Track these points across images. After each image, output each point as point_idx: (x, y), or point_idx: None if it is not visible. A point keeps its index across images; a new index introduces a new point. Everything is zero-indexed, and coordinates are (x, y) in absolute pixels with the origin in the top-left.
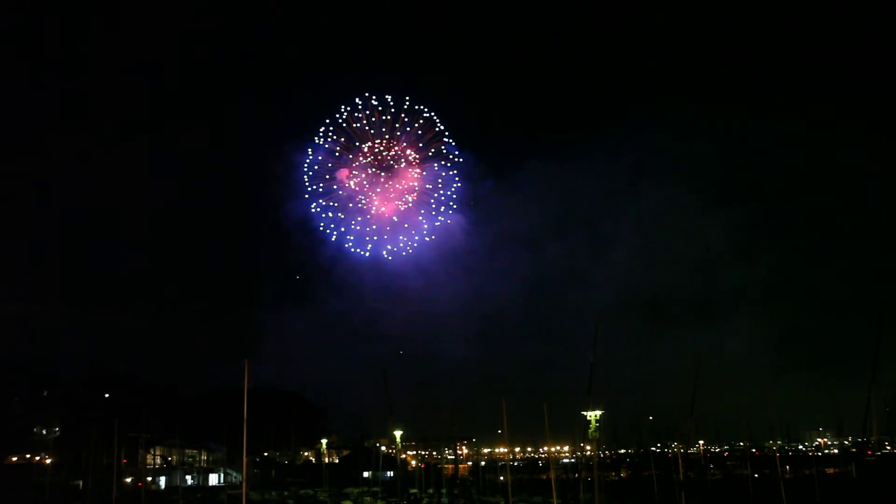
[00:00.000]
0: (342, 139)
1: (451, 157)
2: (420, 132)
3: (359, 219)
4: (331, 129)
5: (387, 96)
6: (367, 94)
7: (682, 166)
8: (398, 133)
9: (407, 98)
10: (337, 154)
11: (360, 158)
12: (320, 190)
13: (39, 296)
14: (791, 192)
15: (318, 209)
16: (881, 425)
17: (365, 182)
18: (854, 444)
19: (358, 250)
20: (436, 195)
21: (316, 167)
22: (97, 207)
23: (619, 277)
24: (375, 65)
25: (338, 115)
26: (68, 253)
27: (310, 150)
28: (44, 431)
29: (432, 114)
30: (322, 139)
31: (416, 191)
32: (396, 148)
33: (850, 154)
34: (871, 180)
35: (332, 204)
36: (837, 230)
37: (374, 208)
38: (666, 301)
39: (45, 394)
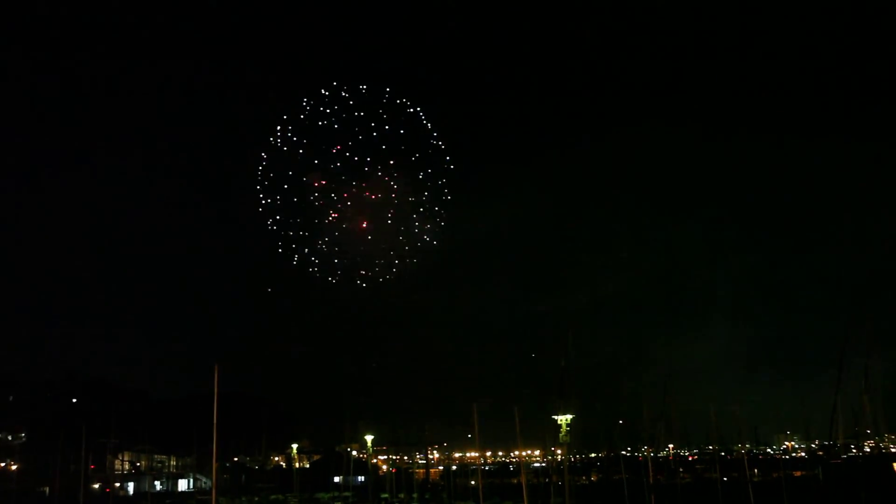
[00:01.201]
0: (304, 140)
1: (439, 162)
2: (402, 131)
3: (326, 239)
4: (290, 127)
5: (361, 87)
6: (335, 84)
7: (655, 172)
8: (374, 133)
9: (387, 90)
10: (298, 159)
11: (328, 164)
12: (278, 202)
13: (5, 300)
14: (762, 198)
15: (275, 227)
16: (847, 429)
17: (333, 194)
18: (821, 447)
19: (329, 278)
20: (421, 210)
21: (271, 175)
22: (63, 212)
23: (591, 282)
24: (344, 55)
25: (299, 111)
26: (35, 257)
27: (263, 153)
28: (9, 437)
29: (417, 109)
30: (279, 140)
31: (395, 203)
32: (371, 150)
33: (821, 161)
34: (841, 187)
35: (292, 220)
36: (807, 236)
37: (344, 224)
38: (637, 305)
39: (11, 399)
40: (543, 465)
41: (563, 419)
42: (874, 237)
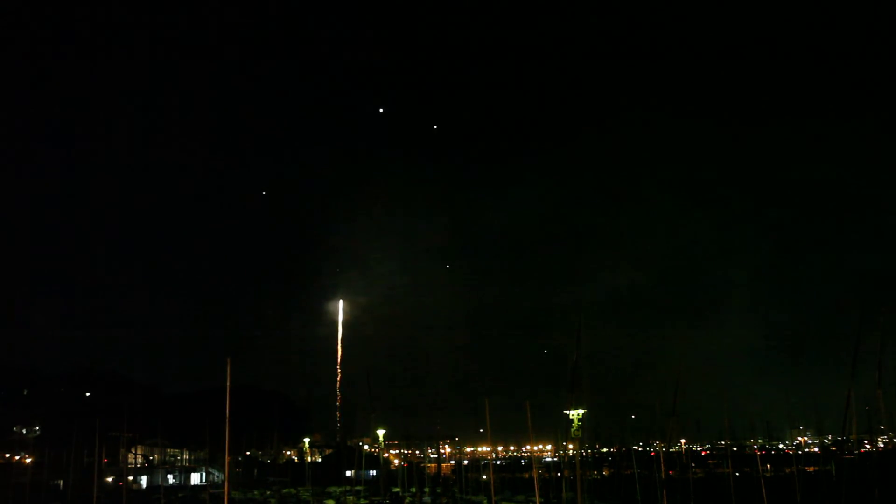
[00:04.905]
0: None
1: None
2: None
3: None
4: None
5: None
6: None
7: (670, 166)
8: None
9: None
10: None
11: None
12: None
13: (21, 294)
14: (777, 193)
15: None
16: (861, 424)
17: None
18: (834, 442)
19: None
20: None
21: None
22: (82, 208)
23: (605, 275)
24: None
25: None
26: (50, 252)
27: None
28: (24, 430)
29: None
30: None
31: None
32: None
33: (835, 155)
34: (855, 181)
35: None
36: (821, 230)
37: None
38: (651, 299)
39: (26, 392)
40: (555, 459)
41: (575, 414)
42: (889, 230)
